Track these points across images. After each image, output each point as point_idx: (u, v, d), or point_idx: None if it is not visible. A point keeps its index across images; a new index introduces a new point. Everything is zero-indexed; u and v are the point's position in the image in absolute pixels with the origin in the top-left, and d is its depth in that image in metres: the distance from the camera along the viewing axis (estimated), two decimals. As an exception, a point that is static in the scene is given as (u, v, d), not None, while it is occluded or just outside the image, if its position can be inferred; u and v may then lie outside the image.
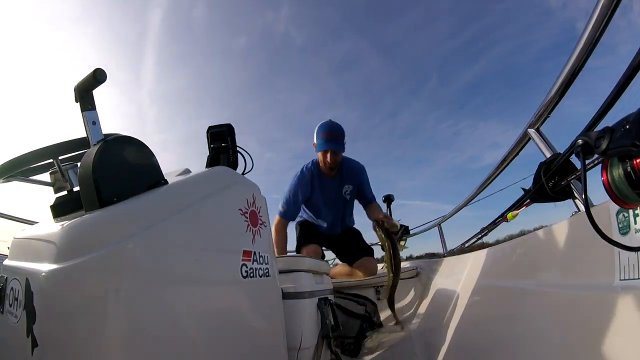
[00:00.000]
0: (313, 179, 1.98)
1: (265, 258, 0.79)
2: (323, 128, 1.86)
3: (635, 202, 0.41)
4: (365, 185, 2.07)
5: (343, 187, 2.03)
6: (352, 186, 2.04)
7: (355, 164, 2.07)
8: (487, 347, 0.89)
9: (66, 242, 0.51)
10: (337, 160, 1.88)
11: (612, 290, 0.52)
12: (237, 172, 0.85)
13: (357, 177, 2.04)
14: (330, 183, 2.01)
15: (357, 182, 2.05)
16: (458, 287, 1.34)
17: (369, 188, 2.10)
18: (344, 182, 2.03)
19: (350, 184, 2.04)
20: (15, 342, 0.54)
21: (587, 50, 0.75)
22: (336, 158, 1.87)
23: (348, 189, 2.04)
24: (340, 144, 1.86)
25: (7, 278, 0.64)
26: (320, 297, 1.14)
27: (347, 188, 2.04)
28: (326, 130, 1.85)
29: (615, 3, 0.65)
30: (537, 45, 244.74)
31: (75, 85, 0.62)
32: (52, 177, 0.79)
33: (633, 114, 0.40)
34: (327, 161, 1.85)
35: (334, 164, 1.88)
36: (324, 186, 2.00)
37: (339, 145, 1.85)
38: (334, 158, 1.85)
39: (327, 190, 2.02)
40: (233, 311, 0.67)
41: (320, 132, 1.87)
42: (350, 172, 2.03)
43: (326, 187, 2.01)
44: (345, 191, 2.04)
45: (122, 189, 0.57)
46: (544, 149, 0.96)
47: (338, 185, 2.03)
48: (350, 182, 2.03)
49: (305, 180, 1.96)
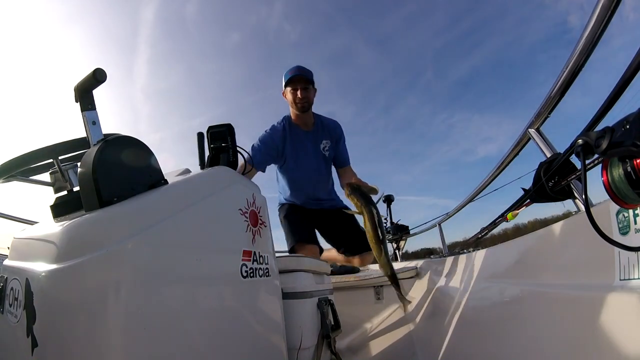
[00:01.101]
0: (285, 132, 1.74)
1: (265, 258, 0.79)
2: (290, 68, 1.70)
3: (635, 202, 0.41)
4: (341, 143, 1.86)
5: (321, 142, 1.81)
6: (330, 142, 1.83)
7: (330, 120, 1.87)
8: (488, 347, 0.89)
9: (66, 242, 0.51)
10: (309, 97, 1.69)
11: (612, 290, 0.52)
12: (237, 172, 0.85)
13: (335, 132, 1.84)
14: (305, 137, 1.78)
15: (335, 138, 1.84)
16: (458, 287, 1.34)
17: (345, 148, 1.88)
18: (322, 137, 1.81)
19: (327, 140, 1.82)
20: (15, 342, 0.54)
21: (587, 50, 0.75)
22: (307, 94, 1.67)
23: (326, 144, 1.82)
24: (309, 76, 1.68)
25: (7, 278, 0.64)
26: (320, 297, 1.14)
27: (325, 144, 1.81)
28: (293, 68, 1.69)
29: (615, 3, 0.65)
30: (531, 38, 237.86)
31: (75, 85, 0.62)
32: (52, 177, 0.79)
33: (633, 114, 0.40)
34: (298, 97, 1.65)
35: (305, 101, 1.67)
36: (297, 140, 1.77)
37: (307, 73, 1.68)
38: (304, 93, 1.65)
39: (301, 145, 1.78)
40: (233, 311, 0.67)
41: (287, 72, 1.70)
42: (327, 127, 1.83)
43: (300, 140, 1.77)
44: (324, 147, 1.81)
45: (122, 189, 0.57)
46: (544, 149, 0.96)
47: (314, 139, 1.80)
48: (327, 138, 1.82)
49: (276, 131, 1.73)
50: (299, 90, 1.66)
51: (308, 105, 1.70)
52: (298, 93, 1.66)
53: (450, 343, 1.13)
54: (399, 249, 2.87)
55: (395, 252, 2.89)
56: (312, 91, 1.71)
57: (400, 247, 2.87)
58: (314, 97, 1.73)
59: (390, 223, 2.90)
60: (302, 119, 1.75)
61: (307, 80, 1.67)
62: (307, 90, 1.68)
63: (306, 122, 1.78)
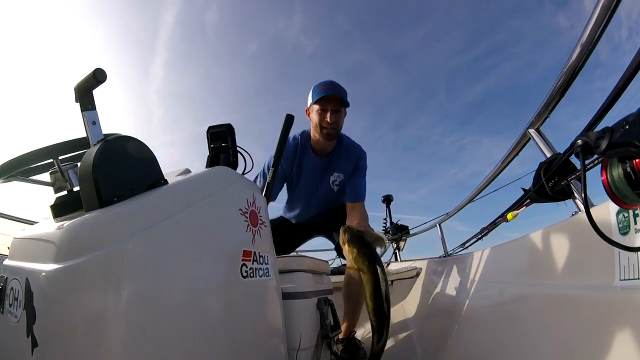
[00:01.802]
0: (295, 152, 1.48)
1: (265, 258, 0.79)
2: (321, 82, 1.39)
3: (635, 202, 0.41)
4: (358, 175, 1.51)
5: (332, 174, 1.51)
6: (344, 176, 1.51)
7: (354, 147, 1.51)
8: (488, 347, 0.89)
9: (66, 242, 0.51)
10: (339, 122, 1.39)
11: (612, 290, 0.52)
12: (237, 172, 0.85)
13: (354, 162, 1.50)
14: (316, 163, 1.50)
15: (352, 168, 1.50)
16: (458, 287, 1.34)
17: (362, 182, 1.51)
18: (335, 169, 1.50)
19: (341, 173, 1.50)
20: (15, 342, 0.54)
21: (587, 50, 0.75)
22: (338, 118, 1.37)
23: (338, 178, 1.51)
24: (344, 94, 1.37)
25: (7, 278, 0.64)
26: (319, 297, 1.14)
27: (337, 177, 1.51)
28: (325, 83, 1.38)
29: (615, 3, 0.65)
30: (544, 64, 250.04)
31: (75, 85, 0.62)
32: (52, 177, 0.79)
33: (633, 114, 0.40)
34: (326, 120, 1.35)
35: (334, 127, 1.37)
36: (306, 165, 1.50)
37: (342, 93, 1.37)
38: (334, 117, 1.35)
39: (309, 172, 1.51)
40: (233, 311, 0.67)
41: (317, 86, 1.39)
42: (345, 157, 1.50)
43: (309, 167, 1.50)
44: (334, 181, 1.51)
45: (122, 189, 0.57)
46: (544, 149, 0.96)
47: (325, 169, 1.51)
48: (342, 171, 1.50)
49: (287, 152, 1.44)
50: (329, 112, 1.36)
51: (335, 133, 1.41)
52: (327, 116, 1.36)
53: (451, 343, 1.13)
54: (399, 249, 2.87)
55: (395, 252, 2.89)
56: (343, 115, 1.42)
57: (400, 247, 2.87)
58: (343, 121, 1.44)
59: (390, 223, 2.90)
60: (322, 145, 1.47)
61: (341, 102, 1.38)
62: (338, 114, 1.38)
63: (325, 149, 1.49)
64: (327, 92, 1.35)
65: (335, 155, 1.50)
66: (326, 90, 1.35)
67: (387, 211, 2.98)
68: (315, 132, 1.44)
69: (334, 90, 1.36)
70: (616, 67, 0.63)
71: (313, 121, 1.42)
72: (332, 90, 1.36)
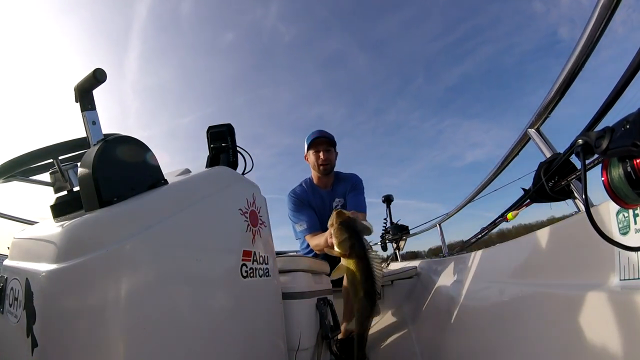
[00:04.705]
0: (307, 193, 1.84)
1: (265, 258, 0.79)
2: (312, 132, 1.79)
3: (635, 202, 0.41)
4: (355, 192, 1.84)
5: (334, 199, 1.87)
6: (344, 200, 1.87)
7: (349, 175, 1.91)
8: (488, 346, 0.89)
9: (66, 242, 0.51)
10: (331, 159, 1.77)
11: (612, 290, 0.52)
12: (237, 172, 0.85)
13: (351, 184, 1.86)
14: (325, 196, 1.87)
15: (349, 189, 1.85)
16: (458, 287, 1.34)
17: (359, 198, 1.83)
18: (336, 195, 1.87)
19: (341, 197, 1.87)
20: (15, 342, 0.54)
21: (587, 50, 0.75)
22: (329, 156, 1.75)
23: (339, 202, 1.87)
24: (331, 139, 1.77)
25: (7, 278, 0.64)
26: (319, 297, 1.14)
27: (338, 202, 1.87)
28: (315, 132, 1.78)
29: (615, 3, 0.65)
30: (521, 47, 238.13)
31: (75, 85, 0.62)
32: (52, 177, 0.79)
33: (633, 114, 0.40)
34: (321, 158, 1.73)
35: (327, 162, 1.75)
36: (318, 200, 1.86)
37: (329, 136, 1.76)
38: (326, 155, 1.73)
39: (321, 205, 1.85)
40: (233, 311, 0.67)
41: (309, 136, 1.79)
42: (343, 185, 1.86)
43: (320, 201, 1.86)
44: (336, 205, 1.86)
45: (122, 189, 0.57)
46: (544, 149, 0.96)
47: (329, 198, 1.87)
48: (341, 195, 1.87)
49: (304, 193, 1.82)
50: (322, 152, 1.73)
51: (330, 168, 1.78)
52: (320, 155, 1.73)
53: (451, 343, 1.13)
54: (399, 249, 2.87)
55: (395, 252, 2.89)
56: (334, 153, 1.80)
57: (400, 247, 2.87)
58: (335, 159, 1.82)
59: (390, 223, 2.89)
60: (323, 181, 1.84)
61: (329, 143, 1.75)
62: (330, 152, 1.76)
63: (326, 184, 1.86)
64: (317, 136, 1.74)
65: (335, 186, 1.87)
66: (315, 135, 1.74)
67: (387, 211, 2.98)
68: (315, 171, 1.81)
69: (321, 135, 1.74)
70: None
71: (311, 162, 1.80)
72: (320, 134, 1.74)
